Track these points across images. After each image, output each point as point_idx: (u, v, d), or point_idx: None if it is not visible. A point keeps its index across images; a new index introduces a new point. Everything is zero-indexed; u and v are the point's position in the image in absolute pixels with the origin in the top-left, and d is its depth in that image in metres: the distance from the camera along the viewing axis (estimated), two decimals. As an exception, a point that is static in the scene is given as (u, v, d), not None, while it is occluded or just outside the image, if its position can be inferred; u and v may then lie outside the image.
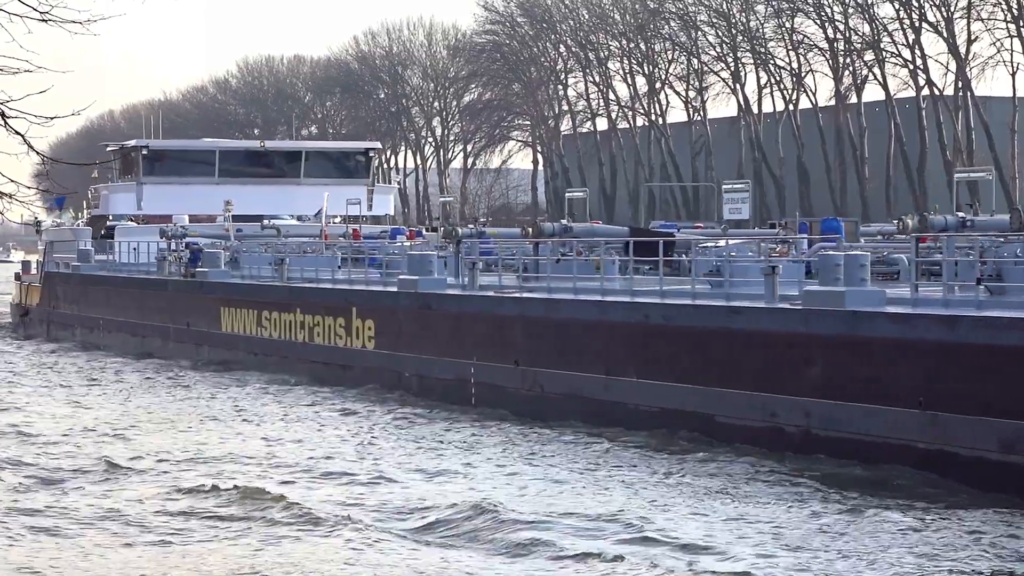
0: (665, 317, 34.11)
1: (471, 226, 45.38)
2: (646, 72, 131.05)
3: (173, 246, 59.26)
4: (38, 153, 17.09)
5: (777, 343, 31.16)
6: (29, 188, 18.05)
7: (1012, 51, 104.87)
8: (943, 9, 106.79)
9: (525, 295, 39.14)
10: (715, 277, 35.93)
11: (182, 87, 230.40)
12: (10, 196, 17.22)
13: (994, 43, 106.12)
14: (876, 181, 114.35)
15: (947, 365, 27.38)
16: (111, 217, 72.87)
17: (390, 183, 69.29)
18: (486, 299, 39.82)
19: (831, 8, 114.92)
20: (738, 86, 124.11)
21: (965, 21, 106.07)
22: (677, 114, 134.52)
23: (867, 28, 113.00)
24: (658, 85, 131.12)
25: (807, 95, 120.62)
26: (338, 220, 69.23)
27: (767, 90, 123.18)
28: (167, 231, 60.31)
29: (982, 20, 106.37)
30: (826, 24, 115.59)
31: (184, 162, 71.32)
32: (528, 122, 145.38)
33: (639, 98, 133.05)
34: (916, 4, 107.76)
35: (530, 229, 42.49)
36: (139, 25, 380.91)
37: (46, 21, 16.52)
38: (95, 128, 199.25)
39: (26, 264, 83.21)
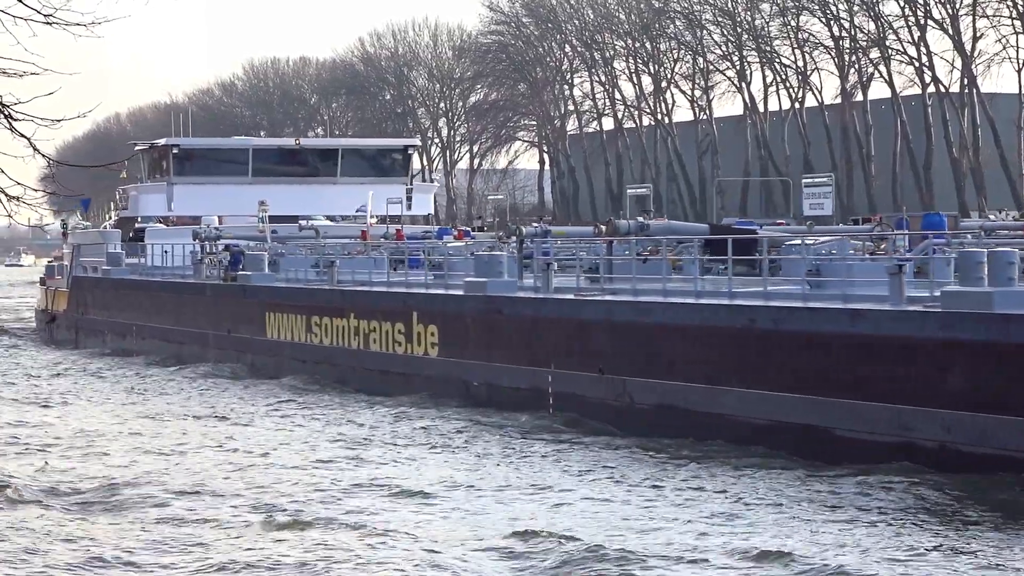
0: (775, 321, 30.48)
1: (535, 224, 41.56)
2: (652, 71, 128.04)
3: (207, 248, 55.48)
4: (44, 156, 16.79)
5: (911, 350, 27.62)
6: (36, 191, 17.65)
7: (1018, 48, 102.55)
8: (948, 6, 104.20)
9: (610, 298, 35.40)
10: (816, 277, 32.45)
11: (187, 89, 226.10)
12: (17, 199, 16.85)
13: (999, 40, 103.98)
14: (882, 179, 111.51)
15: None
16: (139, 219, 68.86)
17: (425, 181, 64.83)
18: (565, 302, 36.08)
19: (836, 6, 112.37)
20: (744, 85, 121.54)
21: (970, 18, 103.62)
22: (683, 113, 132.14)
23: (872, 26, 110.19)
24: (664, 84, 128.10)
25: (813, 93, 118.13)
26: (374, 220, 65.49)
27: (773, 88, 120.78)
28: (200, 233, 56.50)
29: (987, 17, 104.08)
30: (831, 22, 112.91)
31: (215, 161, 66.89)
32: (534, 122, 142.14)
33: (645, 97, 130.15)
34: (921, 1, 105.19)
35: (603, 227, 38.73)
36: (144, 28, 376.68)
37: (51, 24, 16.18)
38: (101, 131, 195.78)
39: (51, 268, 78.76)
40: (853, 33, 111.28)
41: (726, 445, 30.56)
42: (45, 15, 16.10)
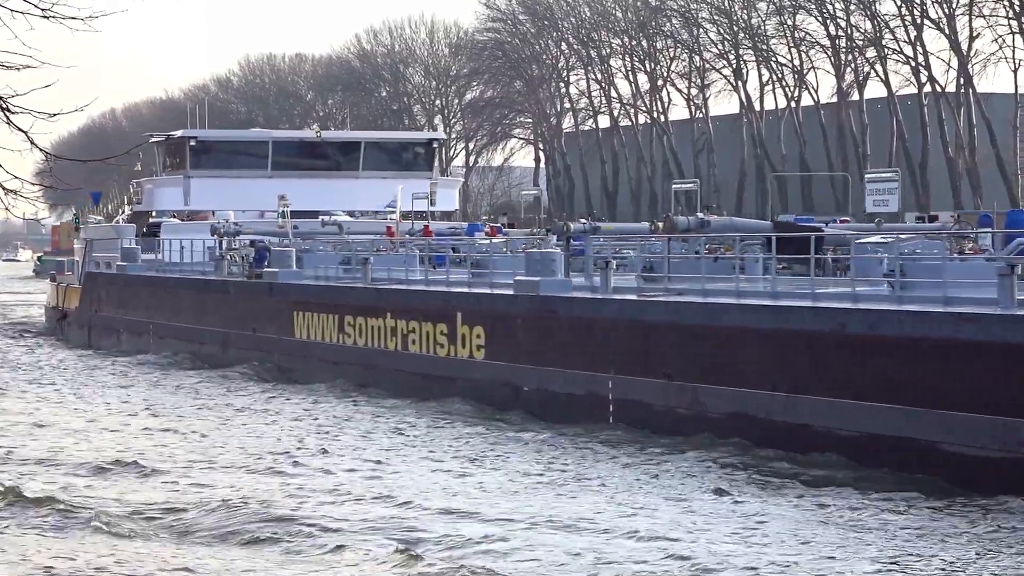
0: (870, 325, 27.66)
1: (583, 221, 38.52)
2: (648, 69, 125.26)
3: (226, 244, 52.37)
4: (40, 149, 16.43)
5: (1026, 357, 24.87)
6: (33, 185, 17.36)
7: (1014, 47, 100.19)
8: (945, 6, 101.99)
9: (678, 299, 32.48)
10: (898, 278, 29.67)
11: (183, 85, 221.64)
12: (15, 192, 16.44)
13: (996, 40, 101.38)
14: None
15: None
16: (154, 213, 65.24)
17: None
18: (628, 303, 33.14)
19: (833, 5, 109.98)
20: (740, 83, 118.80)
21: (967, 18, 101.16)
22: (679, 111, 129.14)
23: (869, 25, 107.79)
24: (660, 82, 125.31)
25: (809, 92, 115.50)
26: (395, 216, 62.32)
27: (769, 87, 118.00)
28: (219, 228, 53.33)
29: (984, 17, 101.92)
30: (828, 21, 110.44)
31: (234, 154, 63.31)
32: (530, 120, 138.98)
33: (641, 95, 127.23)
34: (918, 1, 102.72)
35: (660, 224, 35.80)
36: (141, 23, 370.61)
37: (48, 18, 15.81)
38: (97, 126, 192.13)
39: (60, 264, 74.91)
40: (849, 32, 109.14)
41: (811, 457, 27.81)
42: (43, 9, 15.79)
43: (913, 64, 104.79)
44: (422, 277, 42.16)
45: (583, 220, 38.92)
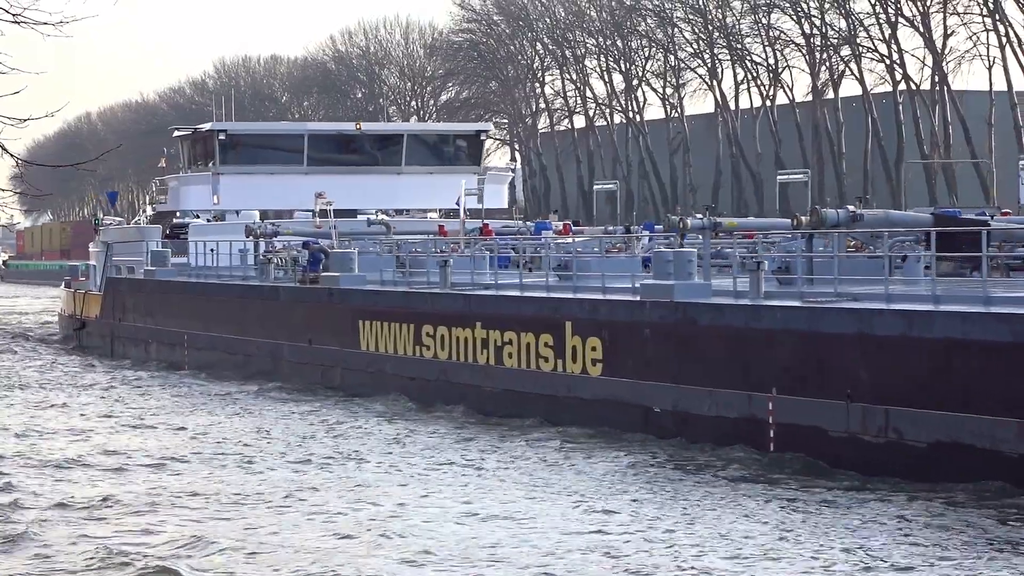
0: None
1: (698, 216, 32.40)
2: (623, 69, 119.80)
3: (264, 246, 45.56)
4: (12, 156, 16.02)
5: None
6: (5, 191, 17.14)
7: (988, 45, 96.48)
8: (919, 4, 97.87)
9: (861, 305, 26.36)
10: None
11: (159, 88, 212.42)
12: None
13: (970, 37, 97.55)
14: (854, 176, 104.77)
15: None
16: (178, 213, 57.66)
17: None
18: (795, 311, 26.99)
19: (807, 4, 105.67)
20: (715, 82, 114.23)
21: (941, 15, 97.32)
22: (654, 111, 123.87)
23: (843, 23, 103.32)
24: (635, 82, 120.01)
25: (784, 91, 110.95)
26: (435, 215, 55.74)
27: (744, 86, 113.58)
28: (255, 229, 46.55)
29: (958, 14, 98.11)
30: (802, 20, 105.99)
31: (266, 149, 55.37)
32: (505, 120, 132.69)
33: (616, 95, 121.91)
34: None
35: (804, 218, 29.79)
36: (113, 27, 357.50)
37: (19, 23, 15.47)
38: (72, 130, 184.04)
39: (74, 268, 66.89)
40: (824, 30, 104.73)
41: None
42: (14, 14, 15.38)
43: (888, 62, 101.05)
44: (514, 281, 35.58)
45: (699, 216, 32.67)
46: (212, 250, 48.36)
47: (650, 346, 29.63)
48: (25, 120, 15.73)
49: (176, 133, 60.00)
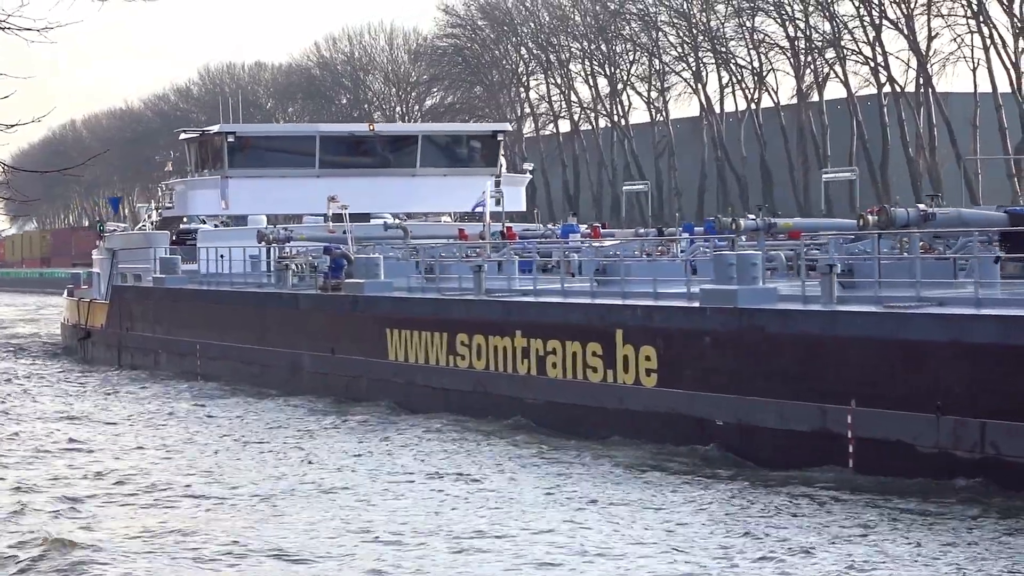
0: None
1: (751, 217, 30.13)
2: (608, 73, 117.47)
3: (277, 252, 42.95)
4: None
5: None
6: None
7: (972, 47, 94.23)
8: (903, 6, 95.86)
9: (949, 311, 24.19)
10: None
11: (143, 95, 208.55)
12: None
13: (954, 39, 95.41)
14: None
15: None
16: (185, 219, 54.68)
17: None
18: (877, 317, 24.71)
19: (791, 7, 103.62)
20: (700, 86, 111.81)
21: (925, 18, 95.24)
22: (639, 115, 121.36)
23: (828, 26, 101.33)
24: (620, 86, 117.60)
25: (769, 94, 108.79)
26: (447, 219, 53.16)
27: (729, 89, 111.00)
28: (268, 234, 43.98)
29: (942, 16, 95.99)
30: (787, 23, 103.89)
31: (276, 151, 52.20)
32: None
33: (601, 99, 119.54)
34: (876, 2, 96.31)
35: (869, 217, 27.63)
36: (98, 33, 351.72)
37: (3, 29, 15.18)
38: (57, 137, 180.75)
39: (76, 276, 63.77)
40: (808, 33, 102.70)
41: None
42: None
43: (872, 64, 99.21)
44: (552, 287, 33.24)
45: (751, 216, 30.44)
46: (223, 256, 45.63)
47: (711, 355, 27.41)
48: (13, 126, 15.32)
49: (183, 136, 56.83)
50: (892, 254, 28.84)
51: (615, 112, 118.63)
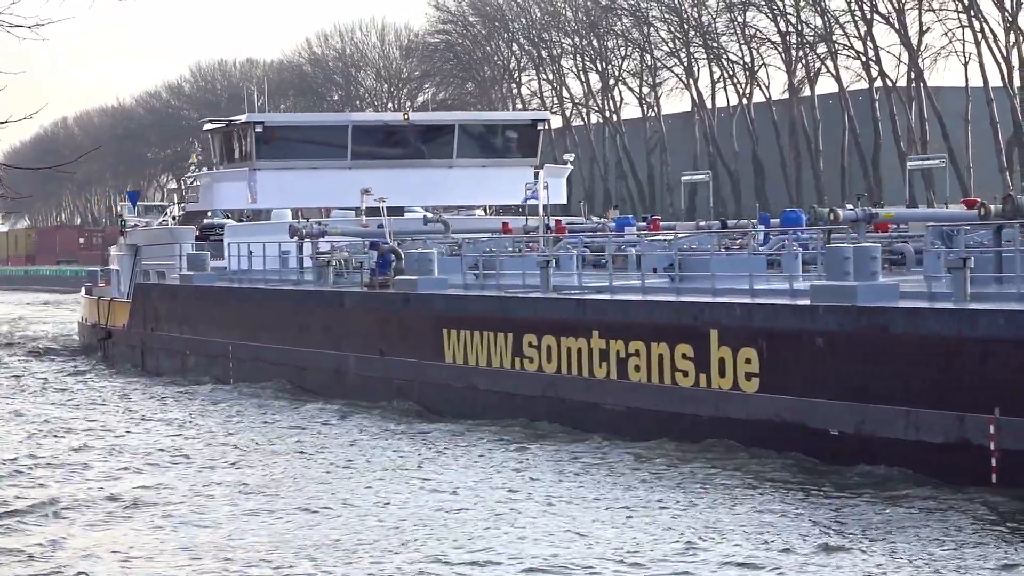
0: None
1: (849, 207, 27.28)
2: (599, 69, 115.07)
3: (311, 248, 39.80)
4: None
5: None
6: None
7: (964, 41, 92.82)
8: (894, 1, 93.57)
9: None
10: None
11: (135, 92, 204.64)
12: None
13: (946, 33, 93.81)
14: (831, 173, 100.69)
15: None
16: (209, 213, 51.07)
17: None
18: (1021, 316, 22.23)
19: (783, 2, 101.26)
20: (691, 81, 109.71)
21: (917, 12, 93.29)
22: (631, 110, 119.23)
23: (819, 21, 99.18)
24: (611, 82, 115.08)
25: (760, 89, 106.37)
26: (481, 212, 50.02)
27: (720, 84, 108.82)
28: (301, 229, 41.02)
29: (933, 11, 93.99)
30: (778, 18, 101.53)
31: (306, 142, 48.61)
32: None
33: (593, 95, 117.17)
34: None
35: (990, 207, 24.85)
36: (89, 30, 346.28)
37: None
38: (48, 135, 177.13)
39: (93, 274, 60.15)
40: (800, 28, 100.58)
41: None
42: None
43: (864, 59, 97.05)
44: (630, 284, 30.34)
45: (849, 207, 27.70)
46: (252, 252, 42.34)
47: (825, 358, 24.61)
48: (4, 123, 15.03)
49: (207, 126, 52.98)
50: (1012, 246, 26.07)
51: (607, 108, 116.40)
